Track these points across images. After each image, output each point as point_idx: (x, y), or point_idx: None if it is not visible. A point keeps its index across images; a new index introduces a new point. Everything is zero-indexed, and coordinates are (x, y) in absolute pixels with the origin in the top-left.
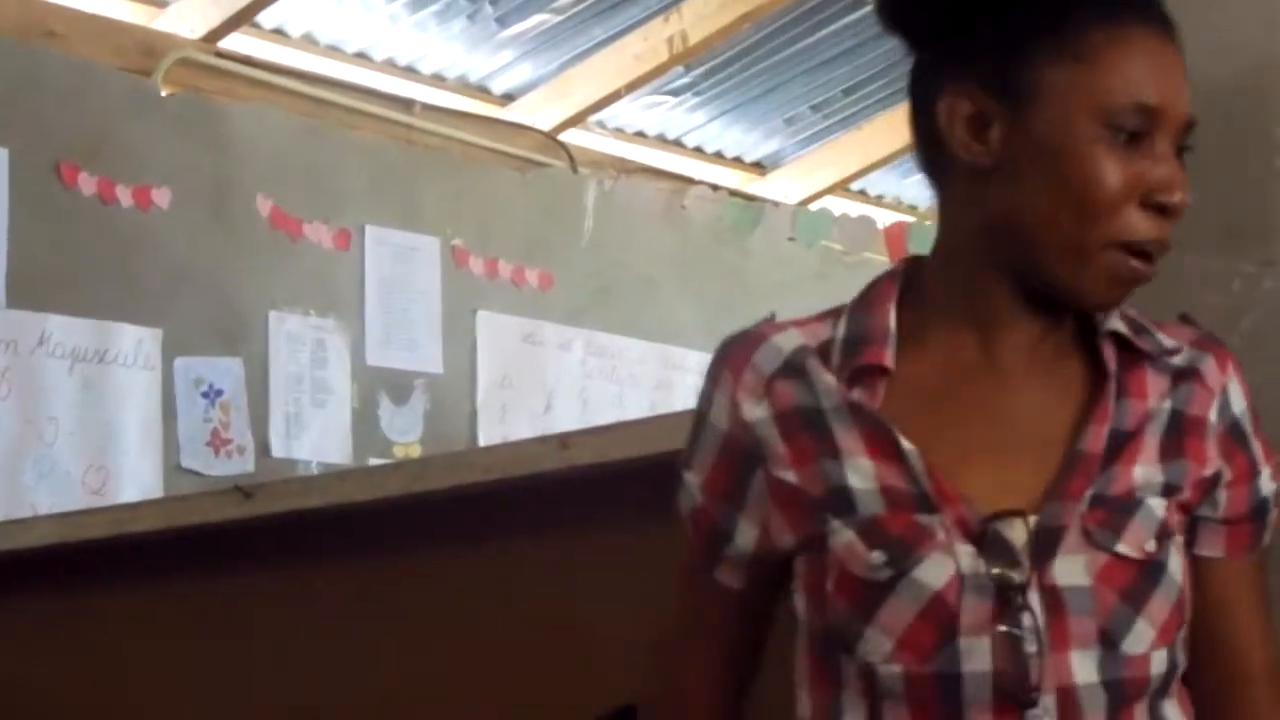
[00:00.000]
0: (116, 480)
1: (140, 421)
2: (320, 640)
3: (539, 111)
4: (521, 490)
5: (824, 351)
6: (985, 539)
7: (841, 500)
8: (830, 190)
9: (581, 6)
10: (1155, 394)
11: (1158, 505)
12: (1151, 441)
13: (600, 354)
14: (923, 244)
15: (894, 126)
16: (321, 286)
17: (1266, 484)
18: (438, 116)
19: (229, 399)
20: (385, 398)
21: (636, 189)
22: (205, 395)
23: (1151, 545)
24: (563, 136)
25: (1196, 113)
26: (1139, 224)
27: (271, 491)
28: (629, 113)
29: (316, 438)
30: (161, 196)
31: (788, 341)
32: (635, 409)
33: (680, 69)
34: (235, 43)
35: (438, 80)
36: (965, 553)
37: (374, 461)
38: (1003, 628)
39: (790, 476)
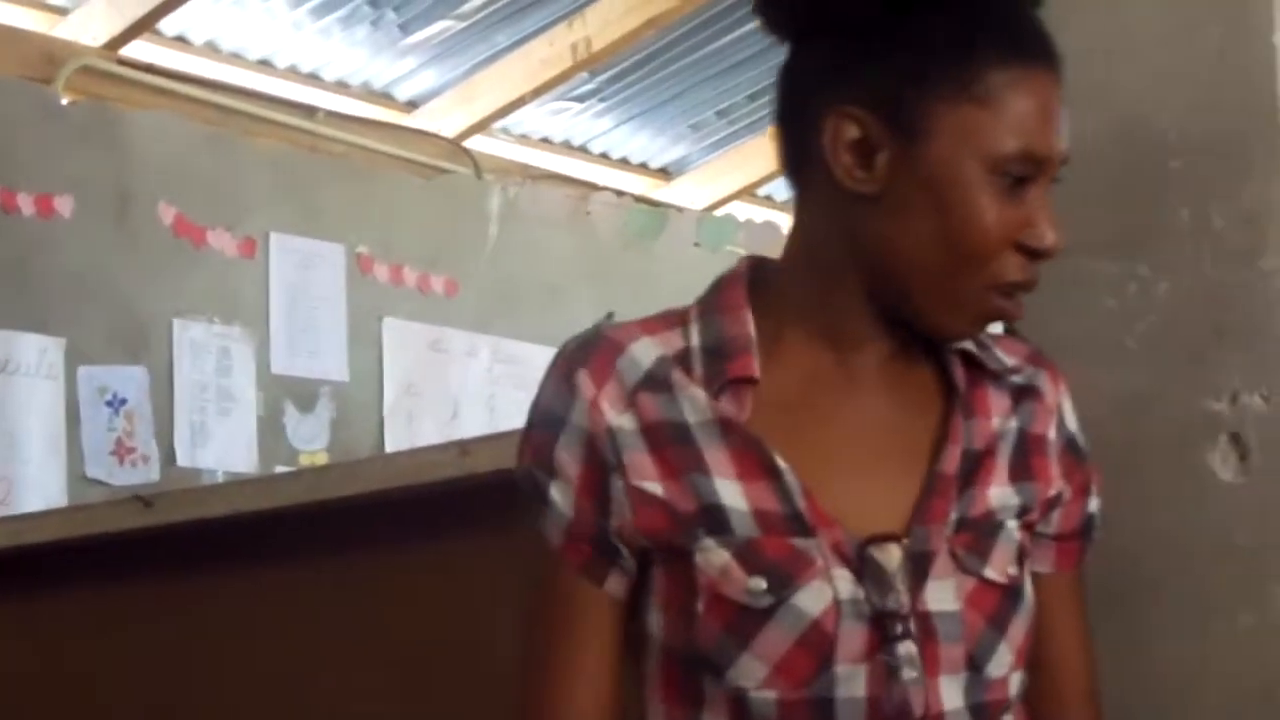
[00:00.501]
0: (20, 490)
1: (44, 431)
2: (224, 648)
3: (443, 118)
4: (424, 497)
5: (682, 360)
6: (862, 564)
7: (714, 519)
8: (736, 196)
9: (485, 13)
10: (999, 413)
11: (1014, 528)
12: (1002, 462)
13: (507, 360)
14: None
15: None
16: (226, 294)
17: (1094, 500)
18: (341, 123)
19: (133, 408)
20: (291, 406)
21: (541, 195)
22: (109, 404)
23: (1014, 569)
24: (467, 143)
25: (1092, 116)
26: (1012, 267)
27: (171, 500)
28: (534, 119)
29: (222, 446)
30: (64, 205)
31: (645, 352)
32: None
33: (585, 75)
34: (137, 50)
35: (341, 87)
36: (843, 578)
37: (280, 470)
38: (882, 656)
39: (656, 489)
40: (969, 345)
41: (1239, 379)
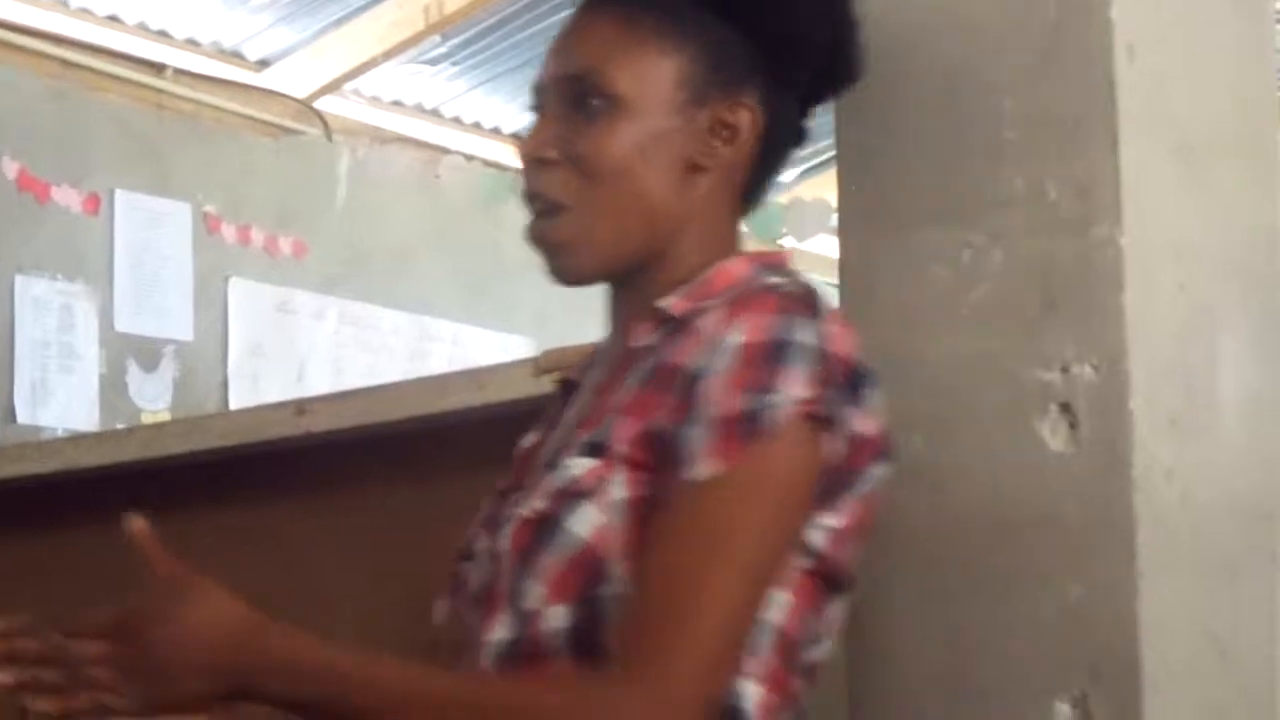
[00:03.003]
0: None
1: None
2: (61, 606)
3: (294, 78)
4: (262, 456)
5: None
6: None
7: None
8: None
9: None
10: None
11: (575, 464)
12: (610, 404)
13: (354, 323)
14: None
15: None
16: (70, 251)
17: (693, 417)
18: (190, 81)
19: None
20: (134, 364)
21: (390, 158)
22: None
23: (541, 504)
24: (318, 104)
25: (928, 85)
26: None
27: (4, 456)
28: (385, 81)
29: (63, 404)
30: None
31: None
32: (391, 379)
33: (437, 38)
34: None
35: (191, 44)
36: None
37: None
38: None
39: None
40: (664, 304)
41: (1070, 349)
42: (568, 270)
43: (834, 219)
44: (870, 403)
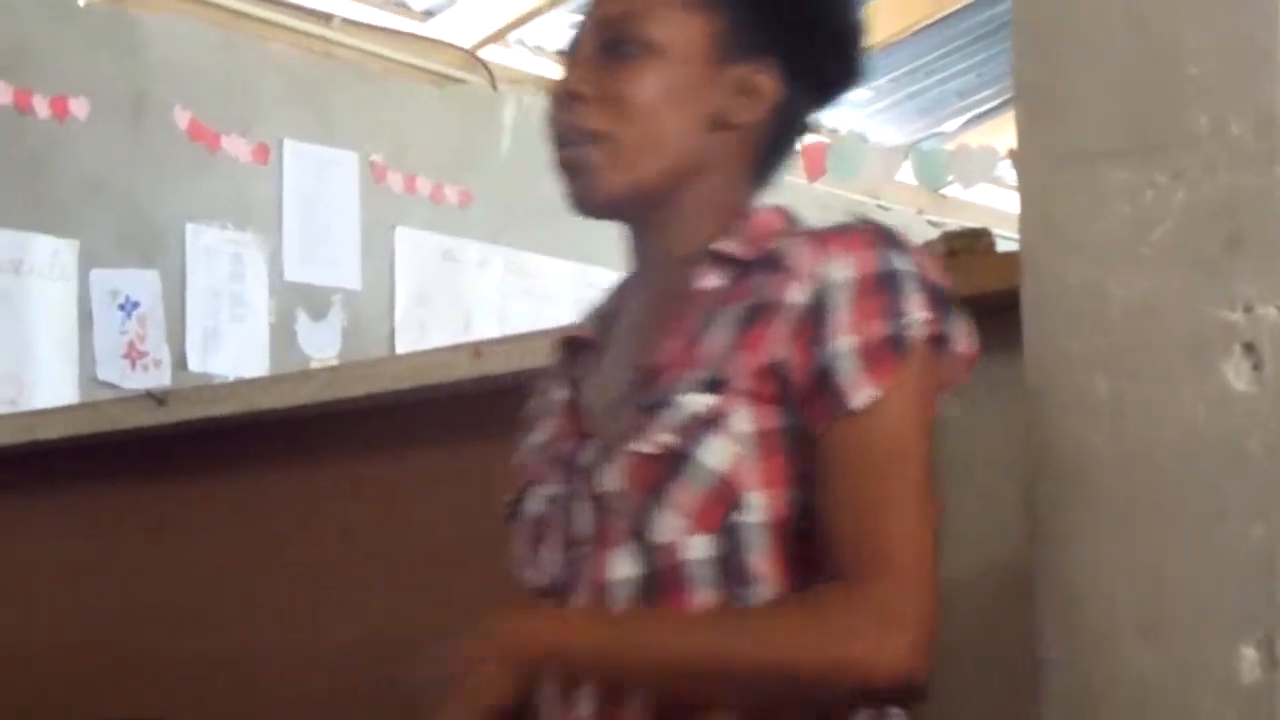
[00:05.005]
0: (31, 391)
1: (56, 333)
2: (235, 547)
3: (459, 27)
4: (437, 399)
5: None
6: (569, 466)
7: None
8: None
9: None
10: (748, 295)
11: (694, 400)
12: (713, 342)
13: (519, 272)
14: (841, 165)
15: None
16: (239, 200)
17: (831, 350)
18: (356, 30)
19: (145, 312)
20: (303, 313)
21: None
22: (121, 308)
23: (668, 438)
24: (483, 53)
25: (1106, 22)
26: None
27: (183, 398)
28: (551, 30)
29: (234, 352)
30: (79, 107)
31: None
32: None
33: None
34: None
35: None
36: (556, 480)
37: None
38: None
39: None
40: (724, 247)
41: (1254, 288)
42: (593, 193)
43: (1000, 166)
44: (961, 323)
